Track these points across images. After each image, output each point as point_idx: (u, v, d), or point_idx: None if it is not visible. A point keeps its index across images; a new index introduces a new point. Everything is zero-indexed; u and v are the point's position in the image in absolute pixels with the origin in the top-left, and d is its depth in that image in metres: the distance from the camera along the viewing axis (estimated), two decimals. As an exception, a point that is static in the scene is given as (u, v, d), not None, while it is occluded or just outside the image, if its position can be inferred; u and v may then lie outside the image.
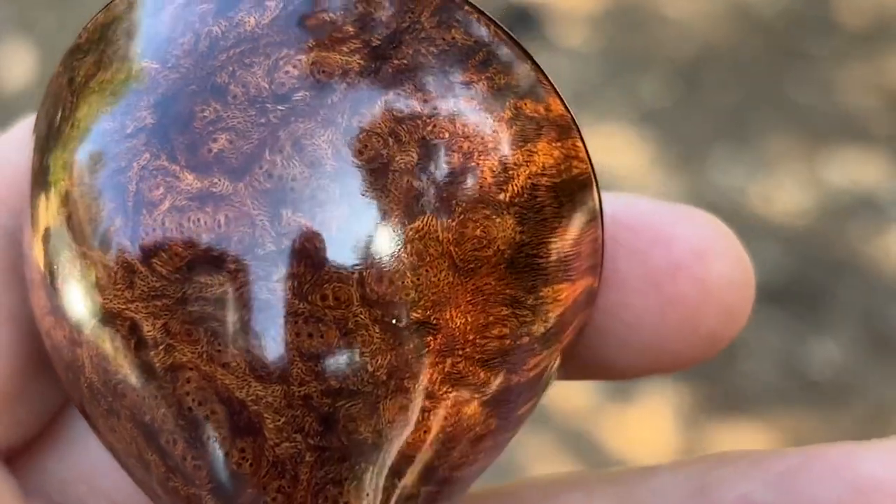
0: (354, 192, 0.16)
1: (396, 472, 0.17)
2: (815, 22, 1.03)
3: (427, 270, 0.16)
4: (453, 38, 0.17)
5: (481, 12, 0.17)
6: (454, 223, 0.16)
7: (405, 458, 0.17)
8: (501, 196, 0.16)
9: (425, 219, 0.16)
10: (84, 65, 0.17)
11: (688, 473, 0.19)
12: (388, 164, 0.16)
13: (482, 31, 0.17)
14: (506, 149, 0.16)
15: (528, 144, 0.17)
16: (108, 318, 0.16)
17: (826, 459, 0.18)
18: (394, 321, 0.16)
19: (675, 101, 0.96)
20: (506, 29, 0.17)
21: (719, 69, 0.99)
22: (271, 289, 0.16)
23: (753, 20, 1.03)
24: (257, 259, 0.16)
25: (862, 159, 0.92)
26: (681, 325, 0.18)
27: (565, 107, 0.17)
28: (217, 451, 0.16)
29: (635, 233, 0.18)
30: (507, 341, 0.17)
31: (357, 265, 0.16)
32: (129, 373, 0.16)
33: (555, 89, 0.17)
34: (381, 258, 0.16)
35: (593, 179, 0.17)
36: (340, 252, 0.16)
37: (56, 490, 0.19)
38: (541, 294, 0.17)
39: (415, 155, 0.16)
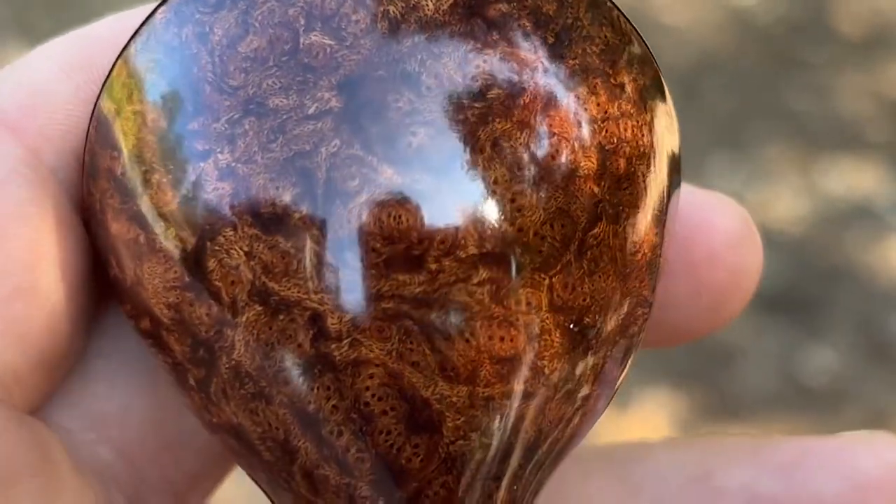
0: (549, 199, 0.16)
1: (540, 465, 0.17)
2: (813, 30, 1.03)
3: (599, 277, 0.16)
4: (605, 36, 0.17)
5: (618, 8, 0.17)
6: (621, 229, 0.16)
7: (552, 455, 0.17)
8: (649, 200, 0.17)
9: (602, 225, 0.16)
10: (219, 21, 0.16)
11: (687, 456, 0.20)
12: (575, 169, 0.16)
13: (624, 28, 0.17)
14: (650, 152, 0.17)
15: (664, 145, 0.17)
16: (284, 305, 0.16)
17: (825, 452, 0.19)
18: (571, 326, 0.16)
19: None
20: (633, 25, 0.17)
21: (717, 77, 0.99)
22: (470, 292, 0.16)
23: (751, 28, 1.03)
24: (459, 261, 0.15)
25: (859, 167, 0.92)
26: (707, 309, 0.19)
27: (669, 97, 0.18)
28: (388, 446, 0.16)
29: (679, 220, 0.19)
30: (635, 339, 0.17)
31: (550, 271, 0.16)
32: (299, 362, 0.16)
33: (662, 79, 0.18)
34: (568, 264, 0.16)
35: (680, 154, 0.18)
36: (536, 257, 0.16)
37: (63, 439, 0.18)
38: (656, 289, 0.17)
39: (594, 161, 0.16)
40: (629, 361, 0.18)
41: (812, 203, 0.90)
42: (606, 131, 0.16)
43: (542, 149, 0.16)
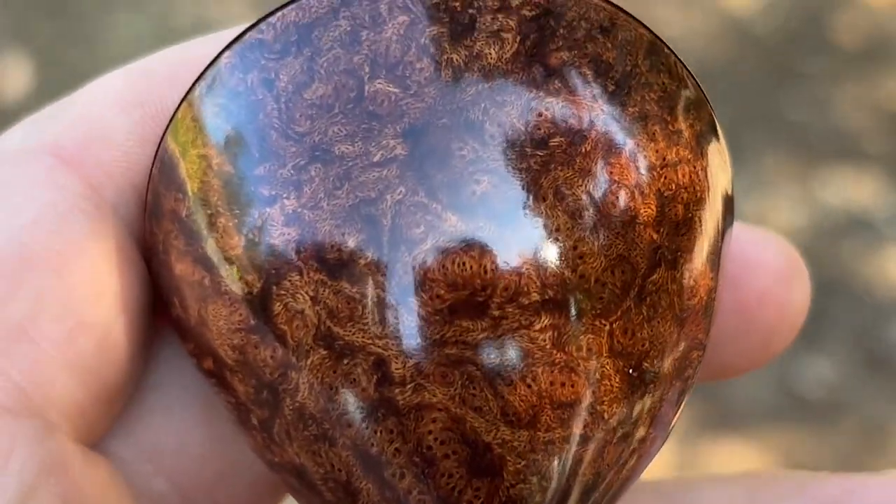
0: (609, 245, 0.16)
1: (597, 502, 0.17)
2: (811, 41, 1.03)
3: (658, 322, 0.16)
4: (663, 82, 0.17)
5: (674, 53, 0.17)
6: (678, 275, 0.17)
7: (608, 494, 0.17)
8: (706, 244, 0.17)
9: (661, 272, 0.16)
10: (284, 68, 0.16)
11: (733, 491, 0.20)
12: (635, 216, 0.16)
13: (680, 73, 0.17)
14: (706, 196, 0.17)
15: (718, 185, 0.17)
16: (349, 350, 0.16)
17: (870, 489, 0.19)
18: (630, 371, 0.16)
19: (671, 119, 0.96)
20: (689, 69, 0.17)
21: (714, 87, 0.99)
22: (532, 338, 0.16)
23: (749, 39, 1.04)
24: (521, 308, 0.16)
25: (856, 178, 0.92)
26: (758, 346, 0.20)
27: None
28: (450, 489, 0.16)
29: (729, 258, 0.19)
30: (690, 381, 0.17)
31: (611, 317, 0.16)
32: (363, 405, 0.16)
33: (715, 120, 0.18)
34: (628, 310, 0.16)
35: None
36: (597, 304, 0.16)
37: (120, 470, 0.18)
38: (711, 332, 0.18)
39: (654, 208, 0.16)
40: (683, 402, 0.18)
41: (809, 214, 0.90)
42: (665, 178, 0.16)
43: (602, 196, 0.16)
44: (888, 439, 0.78)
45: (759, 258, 0.19)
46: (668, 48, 0.17)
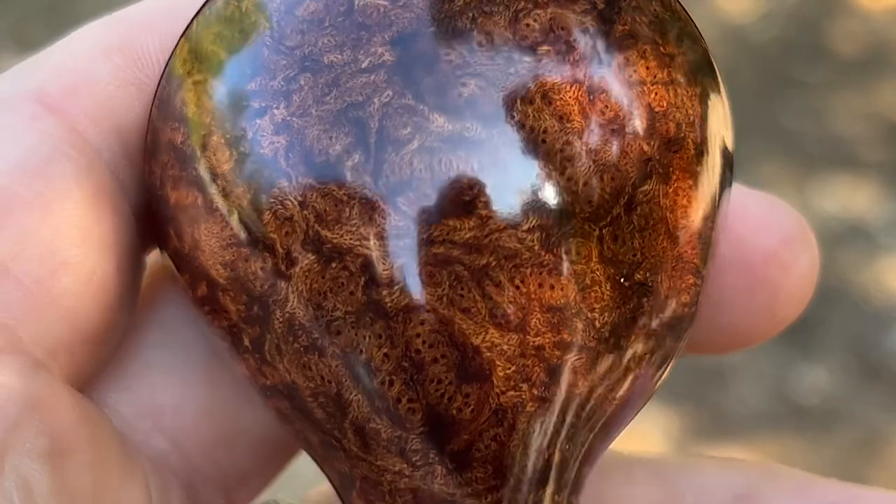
0: (598, 151, 0.16)
1: (592, 429, 0.17)
2: (807, 49, 1.03)
3: (650, 234, 0.16)
4: (655, 10, 0.17)
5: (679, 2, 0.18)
6: (671, 190, 0.16)
7: (603, 420, 0.17)
8: (699, 168, 0.17)
9: (652, 183, 0.16)
10: None
11: (736, 476, 0.20)
12: (624, 126, 0.16)
13: (675, 7, 0.17)
14: (699, 122, 0.17)
15: (712, 121, 0.17)
16: (336, 253, 0.16)
17: (874, 502, 0.19)
18: (622, 280, 0.16)
19: (668, 126, 0.96)
20: (688, 13, 0.17)
21: (712, 95, 0.99)
22: (520, 238, 0.16)
23: (746, 47, 1.04)
24: (509, 207, 0.16)
25: (853, 187, 0.93)
26: (763, 308, 0.19)
27: (721, 85, 0.18)
28: (439, 395, 0.16)
29: (734, 218, 0.19)
30: (686, 309, 0.17)
31: (600, 222, 0.16)
32: (351, 310, 0.16)
33: (716, 71, 0.18)
34: (618, 217, 0.16)
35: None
36: (585, 208, 0.16)
37: (119, 425, 0.19)
38: (708, 266, 0.17)
39: (644, 121, 0.16)
40: (682, 339, 0.17)
41: (806, 222, 0.90)
42: (656, 94, 0.16)
43: (591, 103, 0.16)
44: (884, 447, 0.78)
45: (765, 218, 0.19)
46: None
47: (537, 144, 0.16)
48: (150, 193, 0.18)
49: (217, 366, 0.19)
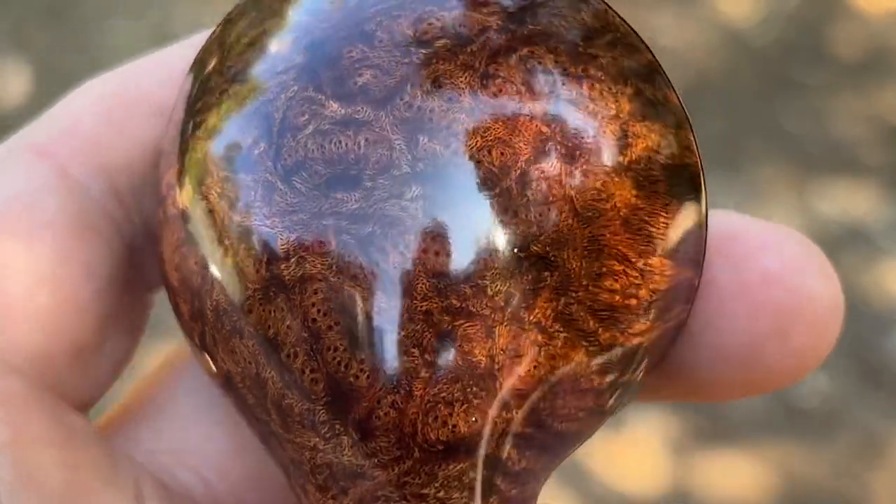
0: (487, 128, 0.17)
1: (505, 405, 0.17)
2: (808, 52, 1.03)
3: (549, 209, 0.17)
4: (584, 19, 0.18)
5: (609, 6, 0.18)
6: (577, 170, 0.17)
7: (515, 394, 0.17)
8: (621, 158, 0.17)
9: (551, 161, 0.17)
10: (235, 28, 0.19)
11: None
12: (520, 109, 0.17)
13: (611, 20, 0.18)
14: (626, 118, 0.17)
15: (647, 121, 0.18)
16: (244, 235, 0.17)
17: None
18: (515, 250, 0.16)
19: (668, 129, 0.96)
20: (631, 26, 0.18)
21: (712, 98, 0.99)
22: (403, 206, 0.16)
23: (747, 50, 1.04)
24: (392, 179, 0.16)
25: (853, 190, 0.93)
26: (771, 335, 0.19)
27: (680, 103, 0.18)
28: (336, 363, 0.17)
29: (731, 242, 0.19)
30: (617, 297, 0.17)
31: (487, 192, 0.16)
32: (258, 287, 0.17)
33: (671, 85, 0.18)
34: (507, 189, 0.16)
35: (702, 177, 0.18)
36: (469, 179, 0.16)
37: (144, 459, 0.20)
38: (649, 262, 0.17)
39: (546, 105, 0.17)
40: (617, 326, 0.17)
41: (806, 225, 0.90)
42: (564, 84, 0.17)
43: (484, 88, 0.17)
44: (884, 451, 0.78)
45: (765, 243, 0.19)
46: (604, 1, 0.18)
47: (423, 122, 0.17)
48: (154, 229, 0.19)
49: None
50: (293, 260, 0.17)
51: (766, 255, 0.19)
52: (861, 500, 0.77)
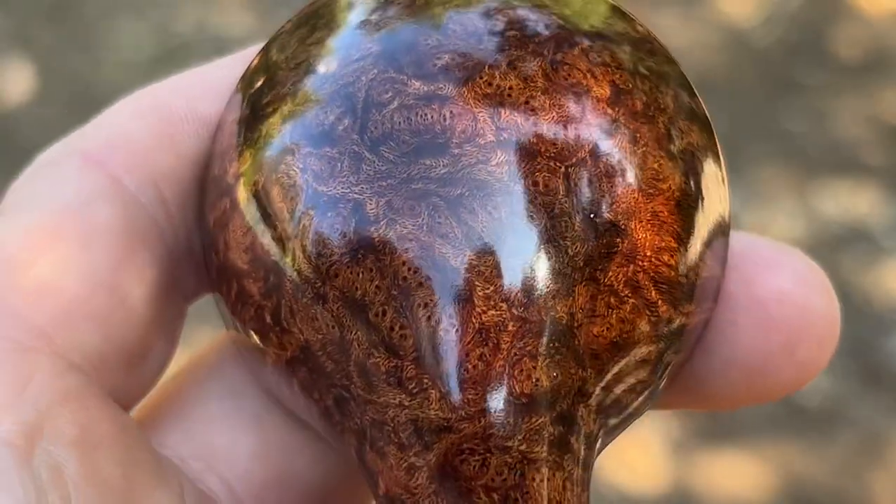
0: (561, 105, 0.18)
1: (581, 363, 0.18)
2: (810, 53, 1.03)
3: (619, 181, 0.18)
4: (627, 28, 0.20)
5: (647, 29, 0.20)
6: (638, 150, 0.18)
7: (590, 353, 0.18)
8: (672, 147, 0.19)
9: (616, 140, 0.18)
10: (292, 38, 0.20)
11: None
12: (588, 90, 0.18)
13: (649, 35, 0.20)
14: (672, 114, 0.19)
15: (688, 121, 0.19)
16: (331, 203, 0.18)
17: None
18: (592, 216, 0.18)
19: (670, 129, 0.96)
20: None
21: (713, 98, 0.99)
22: (490, 171, 0.18)
23: (748, 50, 1.04)
24: (478, 147, 0.18)
25: (854, 190, 0.93)
26: (781, 349, 0.20)
27: (706, 115, 0.20)
28: (426, 318, 0.17)
29: (745, 259, 0.20)
30: (672, 272, 0.18)
31: (565, 161, 0.18)
32: (345, 251, 0.18)
33: (697, 96, 0.20)
34: (583, 160, 0.18)
35: (726, 184, 0.20)
36: (550, 147, 0.18)
37: (178, 465, 0.20)
38: (691, 243, 0.19)
39: (607, 90, 0.18)
40: (672, 300, 0.18)
41: (807, 225, 0.90)
42: (620, 75, 0.19)
43: (554, 70, 0.18)
44: (886, 450, 0.78)
45: (776, 260, 0.20)
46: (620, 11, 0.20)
47: (504, 97, 0.18)
48: (202, 235, 0.20)
49: (270, 415, 0.21)
50: (383, 222, 0.18)
51: (778, 274, 0.20)
52: (861, 500, 0.77)
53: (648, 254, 0.18)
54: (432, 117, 0.18)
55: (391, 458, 0.18)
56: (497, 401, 0.17)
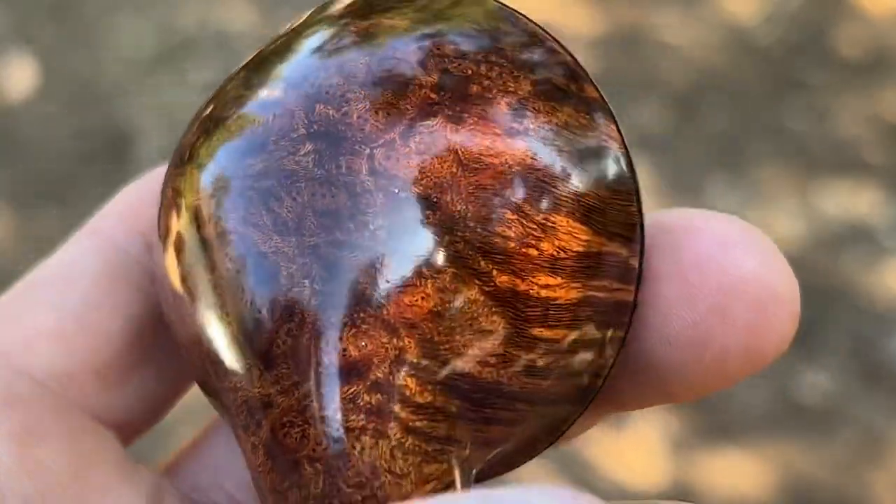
0: (377, 95, 0.19)
1: (394, 332, 0.18)
2: (812, 52, 1.03)
3: (432, 158, 0.18)
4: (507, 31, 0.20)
5: (522, 16, 0.20)
6: (465, 129, 0.19)
7: (403, 322, 0.18)
8: (515, 125, 0.19)
9: (436, 120, 0.19)
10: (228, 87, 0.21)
11: None
12: (411, 79, 0.19)
13: (538, 32, 0.20)
14: (526, 96, 0.19)
15: (553, 103, 0.19)
16: (191, 214, 0.19)
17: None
18: (396, 191, 0.18)
19: (672, 128, 0.96)
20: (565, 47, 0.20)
21: (716, 97, 0.99)
22: (297, 161, 0.19)
23: (751, 49, 1.04)
24: (290, 140, 0.19)
25: (856, 189, 0.93)
26: (709, 313, 0.19)
27: (601, 96, 0.20)
28: (244, 303, 0.19)
29: (667, 231, 0.19)
30: (511, 244, 0.18)
31: (371, 144, 0.18)
32: (194, 244, 0.19)
33: (592, 81, 0.20)
34: (392, 141, 0.19)
35: (624, 159, 0.20)
36: (356, 136, 0.19)
37: (187, 480, 0.22)
38: (552, 218, 0.19)
39: (435, 78, 0.19)
40: (515, 271, 0.18)
41: (809, 224, 0.90)
42: (459, 65, 0.19)
43: (379, 64, 0.19)
44: (886, 450, 0.78)
45: (699, 227, 0.19)
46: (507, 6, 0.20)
47: (321, 94, 0.19)
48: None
49: None
50: (212, 223, 0.19)
51: (698, 239, 0.19)
52: (861, 498, 0.77)
53: (471, 225, 0.18)
54: (258, 121, 0.19)
55: (242, 442, 0.19)
56: (307, 373, 0.18)
